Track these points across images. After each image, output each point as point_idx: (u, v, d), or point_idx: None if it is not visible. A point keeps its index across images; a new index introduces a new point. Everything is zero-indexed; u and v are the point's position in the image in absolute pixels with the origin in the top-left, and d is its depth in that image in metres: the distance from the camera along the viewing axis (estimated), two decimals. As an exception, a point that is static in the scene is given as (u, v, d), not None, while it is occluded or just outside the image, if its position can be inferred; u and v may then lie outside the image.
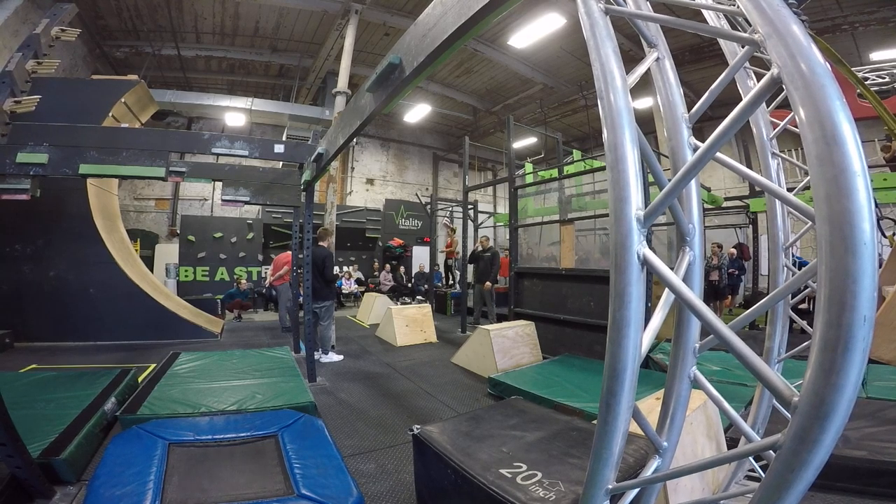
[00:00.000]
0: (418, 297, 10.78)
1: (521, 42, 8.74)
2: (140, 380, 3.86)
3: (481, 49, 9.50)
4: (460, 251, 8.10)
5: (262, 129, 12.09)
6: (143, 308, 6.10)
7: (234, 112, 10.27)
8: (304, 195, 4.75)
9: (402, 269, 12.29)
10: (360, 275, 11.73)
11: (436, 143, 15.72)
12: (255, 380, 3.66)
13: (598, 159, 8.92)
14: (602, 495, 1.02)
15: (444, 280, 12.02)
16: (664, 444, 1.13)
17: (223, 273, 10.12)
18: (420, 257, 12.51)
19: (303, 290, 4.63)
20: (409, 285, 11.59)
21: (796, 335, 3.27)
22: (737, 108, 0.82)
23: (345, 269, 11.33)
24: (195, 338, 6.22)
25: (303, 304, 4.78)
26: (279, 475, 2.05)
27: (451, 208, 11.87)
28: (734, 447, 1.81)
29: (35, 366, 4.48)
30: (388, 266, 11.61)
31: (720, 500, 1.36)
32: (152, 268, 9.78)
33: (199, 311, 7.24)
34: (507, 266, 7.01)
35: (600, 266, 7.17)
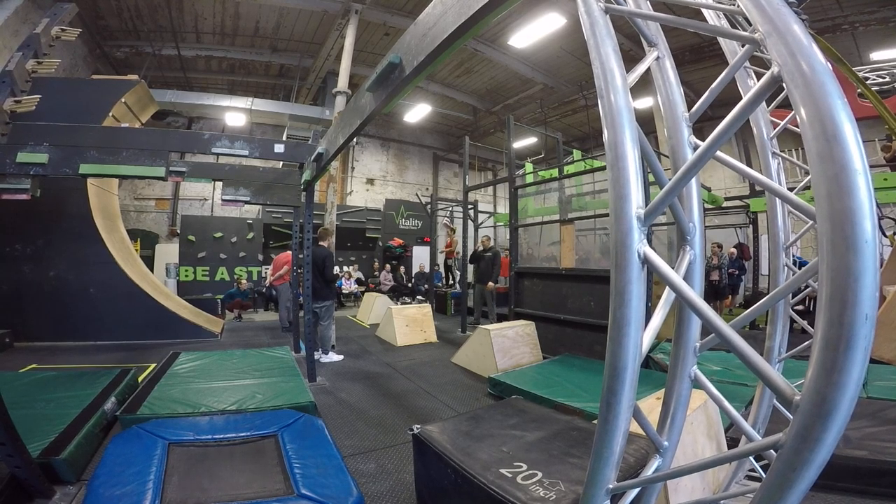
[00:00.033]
0: (418, 296, 10.77)
1: (521, 42, 8.73)
2: (140, 380, 3.86)
3: (481, 49, 9.50)
4: (460, 251, 8.10)
5: (263, 128, 12.10)
6: (143, 308, 6.10)
7: (235, 112, 10.28)
8: (304, 195, 4.75)
9: (403, 269, 12.29)
10: (360, 275, 11.73)
11: (436, 143, 15.72)
12: (255, 380, 3.66)
13: (598, 159, 8.92)
14: (603, 495, 1.01)
15: (444, 280, 12.01)
16: (665, 443, 1.13)
17: (223, 273, 10.13)
18: (420, 257, 12.51)
19: (303, 289, 4.63)
20: (410, 285, 11.59)
21: (797, 335, 3.27)
22: (737, 106, 0.82)
23: (345, 269, 11.33)
24: (195, 338, 6.22)
25: (303, 304, 4.78)
26: (279, 475, 2.05)
27: (451, 208, 11.86)
28: (734, 447, 1.80)
29: (35, 365, 4.49)
30: (388, 266, 11.61)
31: (721, 499, 1.36)
32: (152, 268, 9.79)
33: (200, 311, 7.24)
34: (507, 266, 7.01)
35: (600, 266, 7.17)
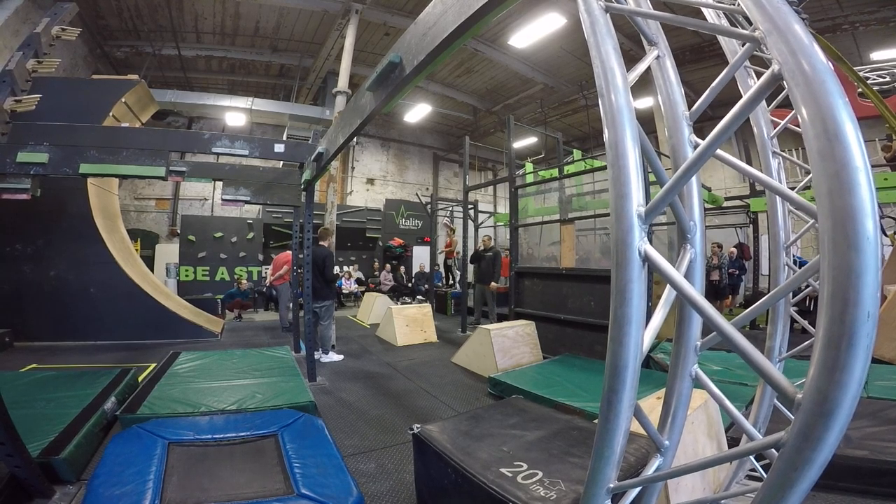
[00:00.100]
0: (418, 296, 10.77)
1: (521, 42, 8.73)
2: (140, 379, 3.86)
3: (481, 49, 9.50)
4: (460, 251, 8.09)
5: (263, 128, 12.10)
6: (143, 308, 6.10)
7: (235, 112, 10.28)
8: (304, 195, 4.75)
9: (403, 268, 12.29)
10: (360, 275, 11.73)
11: (436, 143, 15.72)
12: (255, 379, 3.66)
13: (598, 159, 8.92)
14: (603, 494, 1.01)
15: (444, 280, 12.01)
16: (666, 442, 1.13)
17: (223, 273, 10.13)
18: (420, 257, 12.50)
19: (303, 289, 4.63)
20: (410, 285, 11.59)
21: (797, 335, 3.26)
22: (737, 104, 0.82)
23: (345, 268, 11.33)
24: (195, 337, 6.22)
25: (303, 304, 4.78)
26: (279, 474, 2.05)
27: (451, 208, 11.86)
28: (735, 447, 1.80)
29: (35, 365, 4.48)
30: (388, 266, 11.60)
31: (722, 499, 1.36)
32: (153, 267, 9.79)
33: (200, 311, 7.24)
34: (507, 266, 7.01)
35: (601, 266, 7.17)
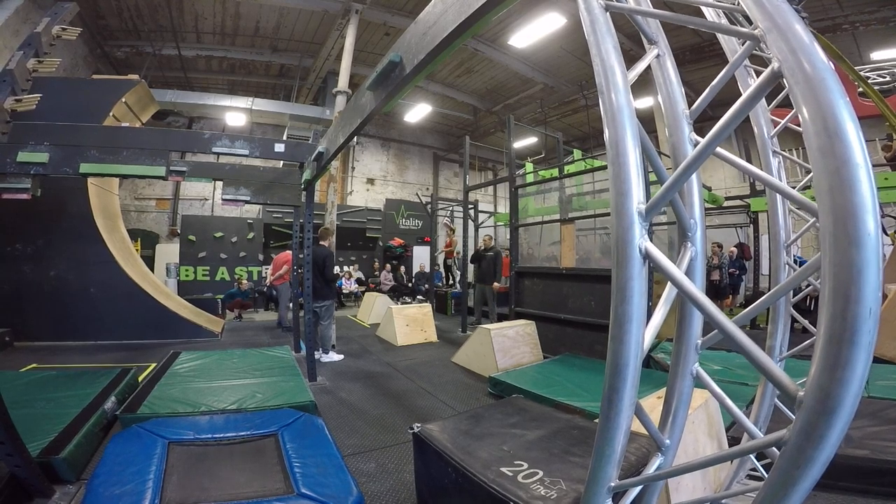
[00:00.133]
0: (419, 296, 10.77)
1: (521, 42, 8.73)
2: (140, 379, 3.86)
3: (482, 49, 9.49)
4: (460, 251, 8.09)
5: (263, 128, 12.10)
6: (143, 308, 6.10)
7: (235, 112, 10.28)
8: (304, 194, 4.75)
9: (403, 268, 12.29)
10: (360, 274, 11.73)
11: (436, 143, 15.72)
12: (255, 379, 3.66)
13: (598, 158, 8.92)
14: (604, 493, 1.01)
15: (445, 280, 12.01)
16: (666, 441, 1.13)
17: (224, 273, 10.13)
18: (420, 257, 12.50)
19: (303, 289, 4.63)
20: (410, 285, 11.59)
21: (797, 335, 3.26)
22: (737, 102, 0.82)
23: (345, 268, 11.32)
24: (196, 337, 6.22)
25: (303, 304, 4.78)
26: (279, 474, 2.05)
27: (451, 208, 11.86)
28: (736, 446, 1.80)
29: (35, 365, 4.48)
30: (388, 266, 11.61)
31: (723, 498, 1.35)
32: (153, 267, 9.78)
33: (200, 311, 7.24)
34: (508, 266, 7.01)
35: (601, 265, 7.17)
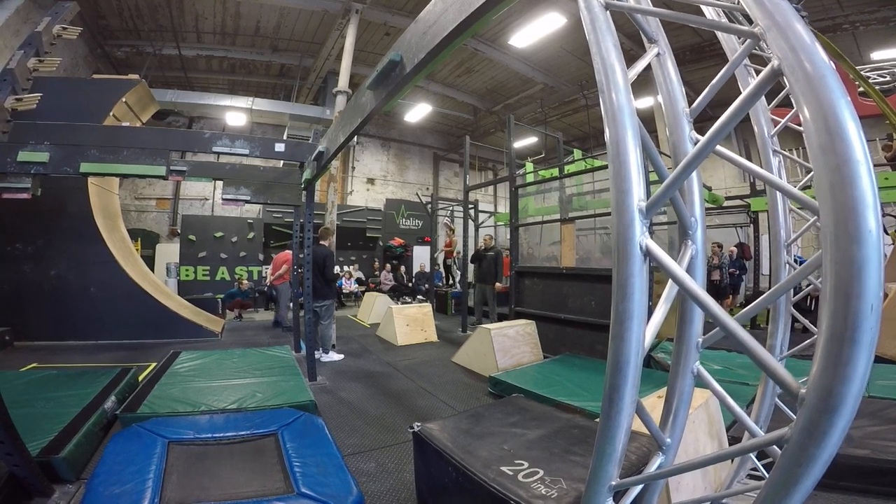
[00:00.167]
0: (419, 296, 10.77)
1: (521, 42, 8.72)
2: (140, 379, 3.86)
3: (482, 49, 9.49)
4: (460, 251, 8.09)
5: (263, 128, 12.10)
6: (143, 307, 6.10)
7: (235, 112, 10.28)
8: (304, 194, 4.74)
9: (403, 268, 12.29)
10: (360, 274, 11.73)
11: (436, 143, 15.72)
12: (255, 378, 3.65)
13: (598, 158, 8.92)
14: (605, 492, 1.01)
15: (445, 280, 12.01)
16: (667, 440, 1.13)
17: (224, 272, 10.13)
18: (421, 257, 12.50)
19: (303, 289, 4.63)
20: (410, 285, 11.59)
21: (797, 335, 3.26)
22: (737, 100, 0.82)
23: (345, 268, 11.32)
24: (196, 337, 6.21)
25: (303, 303, 4.78)
26: (279, 473, 2.05)
27: (451, 208, 11.86)
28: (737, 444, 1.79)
29: (35, 364, 4.48)
30: (388, 266, 11.61)
31: (724, 497, 1.35)
32: (153, 267, 9.78)
33: (200, 311, 7.24)
34: (508, 265, 7.01)
35: (601, 265, 7.17)
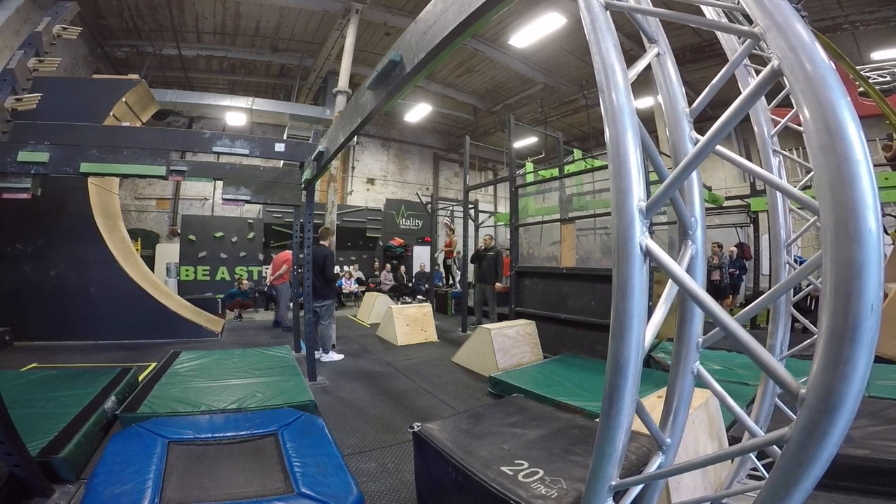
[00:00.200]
0: (419, 296, 10.77)
1: (521, 42, 8.73)
2: (140, 379, 3.86)
3: (482, 49, 9.49)
4: (460, 251, 8.09)
5: (263, 128, 12.10)
6: (143, 307, 6.09)
7: (235, 112, 10.28)
8: (304, 194, 4.74)
9: (403, 268, 12.29)
10: (360, 274, 11.73)
11: (436, 143, 15.72)
12: (255, 378, 3.65)
13: (598, 158, 8.92)
14: (605, 492, 1.01)
15: (444, 280, 12.02)
16: (667, 440, 1.13)
17: (224, 272, 10.13)
18: (421, 257, 12.51)
19: (303, 288, 4.63)
20: (410, 285, 11.59)
21: (797, 335, 3.26)
22: (738, 99, 0.82)
23: (345, 268, 11.32)
24: (196, 337, 6.21)
25: (303, 303, 4.78)
26: (279, 473, 2.05)
27: (451, 208, 11.86)
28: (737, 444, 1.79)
29: (35, 364, 4.48)
30: (388, 266, 11.61)
31: (724, 497, 1.35)
32: (153, 267, 9.78)
33: (200, 311, 7.23)
34: (508, 265, 7.01)
35: (601, 265, 7.17)
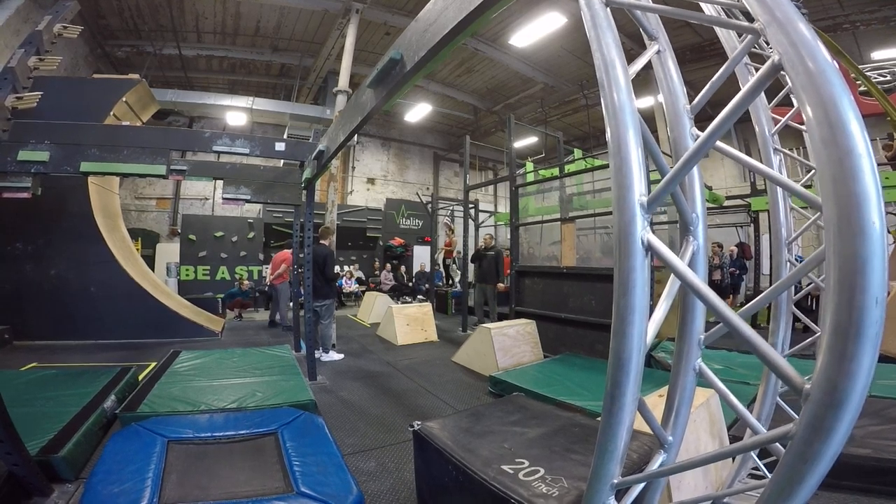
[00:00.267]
0: (419, 296, 10.77)
1: (521, 41, 8.72)
2: (140, 378, 3.85)
3: (482, 48, 9.49)
4: (461, 250, 8.08)
5: (264, 128, 12.10)
6: (143, 307, 6.09)
7: (236, 111, 10.28)
8: (304, 194, 4.74)
9: (403, 268, 12.30)
10: (360, 274, 11.73)
11: (437, 143, 15.71)
12: (255, 378, 3.65)
13: (599, 158, 8.91)
14: (607, 490, 1.00)
15: (445, 279, 12.01)
16: (669, 438, 1.12)
17: (224, 272, 10.13)
18: (421, 257, 12.51)
19: (303, 288, 4.63)
20: (410, 284, 11.59)
21: (798, 334, 3.25)
22: (738, 95, 0.82)
23: (345, 268, 11.32)
24: (196, 336, 6.21)
25: (303, 303, 4.78)
26: (278, 473, 2.04)
27: (451, 207, 11.86)
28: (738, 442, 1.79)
29: (35, 364, 4.48)
30: (388, 265, 11.61)
31: (726, 496, 1.35)
32: (153, 267, 9.77)
33: (200, 310, 7.23)
34: (508, 265, 7.01)
35: (601, 265, 7.16)
